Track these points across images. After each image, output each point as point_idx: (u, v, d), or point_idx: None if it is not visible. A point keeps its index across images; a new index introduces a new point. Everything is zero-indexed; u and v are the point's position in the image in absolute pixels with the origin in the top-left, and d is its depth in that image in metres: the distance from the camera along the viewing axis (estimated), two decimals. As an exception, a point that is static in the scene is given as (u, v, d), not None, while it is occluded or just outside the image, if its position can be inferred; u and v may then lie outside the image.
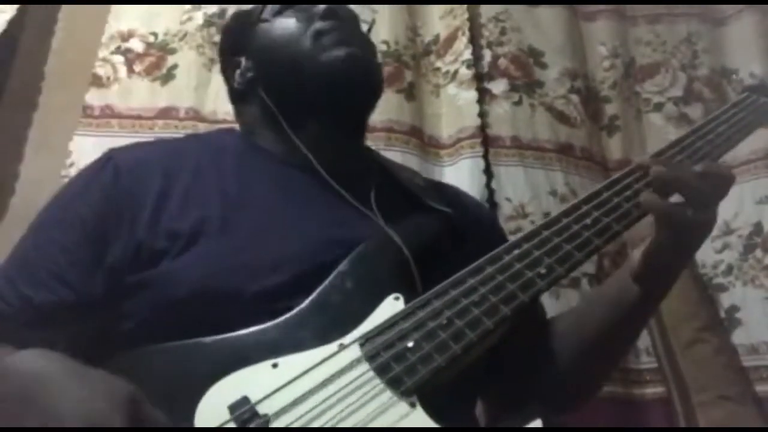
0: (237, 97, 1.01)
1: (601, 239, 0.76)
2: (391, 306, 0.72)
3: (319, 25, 0.92)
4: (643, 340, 1.55)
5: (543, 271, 0.73)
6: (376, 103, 0.99)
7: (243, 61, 0.97)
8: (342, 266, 0.76)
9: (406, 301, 0.72)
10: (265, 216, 0.82)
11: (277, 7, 0.97)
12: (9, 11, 1.54)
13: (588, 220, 0.77)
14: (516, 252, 0.75)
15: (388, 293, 0.73)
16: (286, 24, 0.95)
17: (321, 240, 0.80)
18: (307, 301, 0.73)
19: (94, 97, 1.56)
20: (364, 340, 0.68)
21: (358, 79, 0.92)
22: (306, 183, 0.87)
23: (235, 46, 1.01)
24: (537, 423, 0.63)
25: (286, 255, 0.78)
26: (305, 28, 0.93)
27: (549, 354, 0.88)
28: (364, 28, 1.02)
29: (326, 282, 0.75)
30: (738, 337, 1.54)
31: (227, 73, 1.03)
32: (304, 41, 0.92)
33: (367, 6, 1.04)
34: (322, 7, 0.94)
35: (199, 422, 0.61)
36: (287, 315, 0.72)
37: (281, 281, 0.75)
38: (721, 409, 1.43)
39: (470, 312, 0.69)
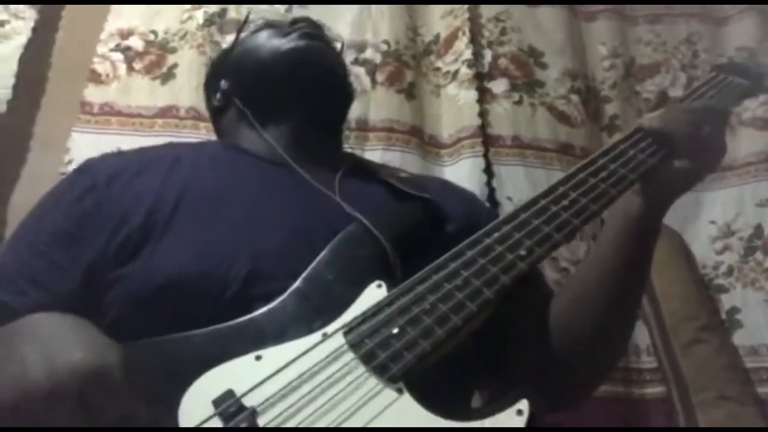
0: (216, 114, 1.06)
1: (579, 219, 0.76)
2: (374, 293, 0.72)
3: (289, 27, 1.00)
4: (643, 340, 1.55)
5: (523, 252, 0.73)
6: (342, 101, 1.04)
7: (222, 82, 1.03)
8: (322, 255, 0.77)
9: (389, 288, 0.72)
10: (242, 208, 0.83)
11: (253, 26, 1.05)
12: (25, 33, 1.56)
13: (566, 201, 0.78)
14: (496, 235, 0.75)
15: (370, 281, 0.73)
16: (260, 35, 1.02)
17: (299, 230, 0.81)
18: (288, 291, 0.73)
19: (92, 94, 1.57)
20: (348, 329, 0.68)
21: (317, 67, 0.98)
22: (283, 178, 0.89)
23: (216, 72, 1.08)
24: (523, 403, 0.63)
25: (264, 245, 0.79)
26: (276, 36, 1.00)
27: (559, 328, 0.86)
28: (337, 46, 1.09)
29: (307, 271, 0.75)
30: (738, 339, 1.53)
31: (210, 100, 1.08)
32: (273, 42, 0.99)
33: (333, 37, 1.10)
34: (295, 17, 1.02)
35: (183, 418, 0.60)
36: (269, 306, 0.72)
37: (258, 271, 0.75)
38: (721, 409, 1.42)
39: (454, 296, 0.70)
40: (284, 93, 0.97)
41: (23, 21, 1.57)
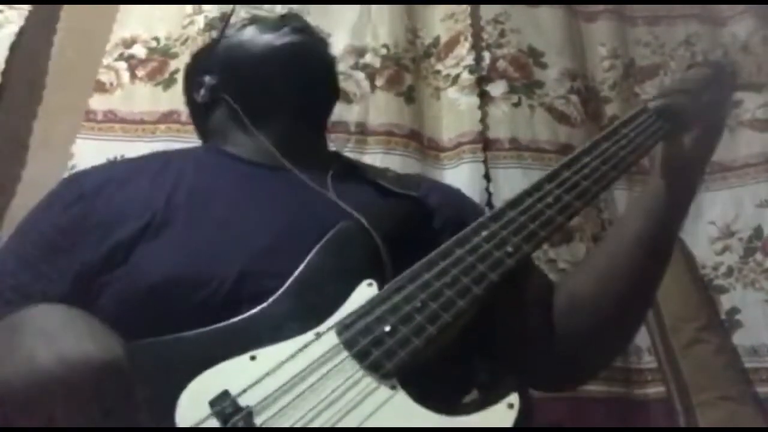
0: (201, 112, 1.05)
1: (563, 216, 0.79)
2: (365, 292, 0.72)
3: (280, 20, 1.01)
4: (644, 340, 1.55)
5: (510, 249, 0.75)
6: (332, 96, 1.06)
7: (207, 78, 1.03)
8: (313, 254, 0.77)
9: (379, 287, 0.73)
10: (230, 210, 0.84)
11: (238, 24, 1.05)
12: (17, 21, 1.58)
13: (550, 199, 0.80)
14: (484, 233, 0.77)
15: (360, 279, 0.73)
16: (248, 30, 1.02)
17: (288, 229, 0.82)
18: (280, 291, 0.73)
19: (96, 103, 1.59)
20: (341, 328, 0.68)
21: (312, 62, 0.99)
22: (271, 179, 0.90)
23: (199, 68, 1.07)
24: (514, 396, 0.65)
25: (254, 245, 0.79)
26: (266, 31, 1.00)
27: (575, 309, 0.86)
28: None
29: (298, 270, 0.75)
30: (738, 339, 1.53)
31: (191, 97, 1.07)
32: (265, 36, 0.99)
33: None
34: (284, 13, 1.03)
35: (180, 419, 0.61)
36: (261, 306, 0.72)
37: (249, 271, 0.76)
38: (721, 409, 1.43)
39: (443, 294, 0.71)
40: (278, 88, 0.97)
41: (17, 11, 1.60)
